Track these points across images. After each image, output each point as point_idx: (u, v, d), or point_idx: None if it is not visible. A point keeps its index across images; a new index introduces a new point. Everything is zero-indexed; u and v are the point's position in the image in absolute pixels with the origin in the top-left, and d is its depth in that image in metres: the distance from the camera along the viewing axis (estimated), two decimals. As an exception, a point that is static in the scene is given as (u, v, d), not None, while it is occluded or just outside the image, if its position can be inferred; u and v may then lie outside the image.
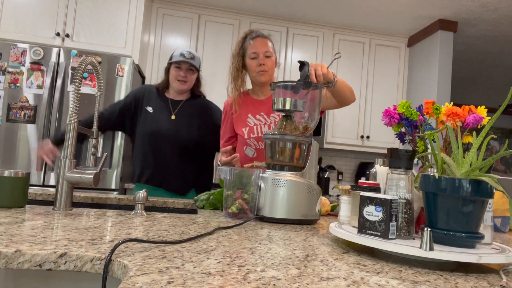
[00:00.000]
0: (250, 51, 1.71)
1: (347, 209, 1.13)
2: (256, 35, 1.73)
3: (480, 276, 0.70)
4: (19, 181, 1.11)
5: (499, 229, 1.42)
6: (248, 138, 1.73)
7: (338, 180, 4.21)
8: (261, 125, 1.74)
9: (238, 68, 1.75)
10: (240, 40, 1.76)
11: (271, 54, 1.72)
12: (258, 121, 1.75)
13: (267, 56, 1.71)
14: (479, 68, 4.81)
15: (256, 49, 1.70)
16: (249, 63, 1.73)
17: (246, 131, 1.74)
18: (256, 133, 1.73)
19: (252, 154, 1.75)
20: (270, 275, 0.59)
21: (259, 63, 1.70)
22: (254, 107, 1.78)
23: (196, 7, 3.67)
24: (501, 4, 3.21)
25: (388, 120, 1.14)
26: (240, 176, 1.22)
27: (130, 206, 1.59)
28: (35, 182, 2.78)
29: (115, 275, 0.62)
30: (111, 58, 2.94)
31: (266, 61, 1.70)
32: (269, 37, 1.76)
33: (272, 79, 1.75)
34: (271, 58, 1.72)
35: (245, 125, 1.75)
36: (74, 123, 1.14)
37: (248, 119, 1.76)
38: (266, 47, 1.71)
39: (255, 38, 1.72)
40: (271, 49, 1.74)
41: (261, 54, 1.70)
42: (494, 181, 0.73)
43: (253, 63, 1.71)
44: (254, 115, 1.76)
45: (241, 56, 1.75)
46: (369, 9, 3.51)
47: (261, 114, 1.76)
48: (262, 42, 1.72)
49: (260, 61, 1.70)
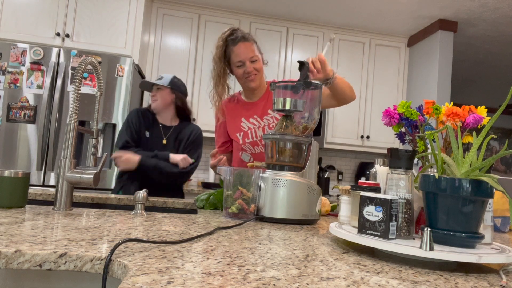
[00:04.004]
0: (235, 59, 1.63)
1: (347, 209, 1.13)
2: (238, 39, 1.62)
3: (480, 276, 0.70)
4: (19, 181, 1.11)
5: (499, 229, 1.42)
6: (243, 143, 1.70)
7: (338, 180, 4.21)
8: (255, 128, 1.69)
9: (220, 74, 1.67)
10: (221, 44, 1.64)
11: (257, 57, 1.65)
12: (252, 125, 1.70)
13: (253, 61, 1.63)
14: (479, 68, 4.81)
15: (240, 57, 1.62)
16: (236, 71, 1.67)
17: (241, 136, 1.70)
18: (251, 138, 1.69)
19: (249, 159, 1.72)
20: (270, 275, 0.59)
21: (246, 71, 1.64)
22: (246, 111, 1.73)
23: (196, 7, 3.67)
24: (501, 4, 3.21)
25: (388, 120, 1.14)
26: (240, 176, 1.22)
27: (130, 206, 1.59)
28: (35, 182, 2.78)
29: (115, 275, 0.62)
30: (111, 58, 2.94)
31: (253, 66, 1.64)
32: (251, 38, 1.66)
33: (262, 81, 1.72)
34: (257, 61, 1.65)
35: (239, 130, 1.71)
36: (74, 123, 1.14)
37: (241, 124, 1.71)
38: (251, 52, 1.63)
39: (237, 43, 1.62)
40: (256, 51, 1.66)
41: (247, 62, 1.62)
42: (494, 181, 0.73)
43: (239, 71, 1.65)
44: (247, 119, 1.71)
45: (223, 63, 1.66)
46: (369, 9, 3.51)
47: (254, 117, 1.71)
48: (245, 47, 1.62)
49: (247, 69, 1.63)
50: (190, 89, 3.58)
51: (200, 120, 3.58)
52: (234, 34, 1.63)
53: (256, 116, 1.71)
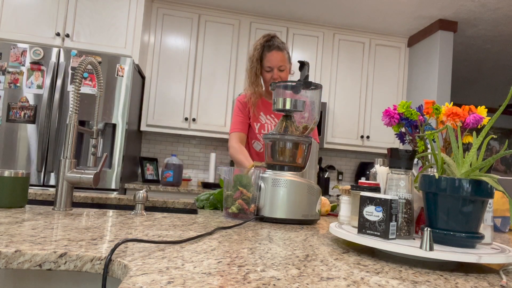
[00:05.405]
0: (266, 64, 1.84)
1: (347, 209, 1.13)
2: (273, 47, 1.83)
3: (480, 276, 0.70)
4: (19, 181, 1.11)
5: (499, 229, 1.42)
6: (259, 133, 1.91)
7: (338, 180, 4.21)
8: (271, 125, 1.90)
9: (258, 74, 1.87)
10: (259, 46, 1.85)
11: (285, 67, 1.85)
12: (268, 121, 1.91)
13: (281, 70, 1.84)
14: (479, 68, 4.81)
15: (271, 64, 1.83)
16: (264, 74, 1.87)
17: (258, 126, 1.90)
18: (266, 131, 1.90)
19: (259, 149, 1.91)
20: (270, 275, 0.59)
21: (273, 76, 1.84)
22: (266, 108, 1.93)
23: (196, 7, 3.67)
24: (501, 4, 3.21)
25: (388, 120, 1.14)
26: (240, 177, 1.22)
27: (130, 206, 1.59)
28: (35, 182, 2.78)
29: (115, 275, 0.62)
30: (111, 58, 2.94)
31: (279, 74, 1.84)
32: (284, 48, 1.86)
33: None
34: (285, 71, 1.85)
35: (257, 121, 1.91)
36: (74, 123, 1.14)
37: (260, 116, 1.92)
38: (281, 61, 1.83)
39: (271, 51, 1.83)
40: (286, 62, 1.86)
41: (276, 69, 1.83)
42: (494, 181, 0.73)
43: (267, 75, 1.86)
44: (265, 114, 1.92)
45: (259, 63, 1.86)
46: (369, 9, 3.51)
47: (271, 116, 1.92)
48: (277, 56, 1.82)
49: (274, 75, 1.83)
50: (190, 89, 3.58)
51: (200, 120, 3.58)
52: (271, 41, 1.86)
53: (273, 115, 1.93)
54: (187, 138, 3.91)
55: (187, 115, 3.55)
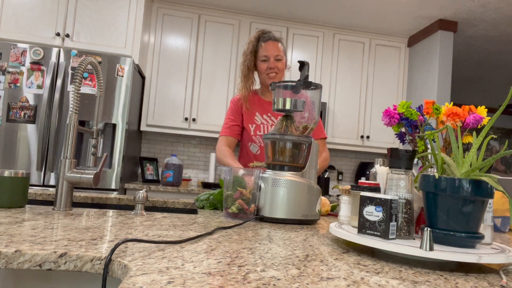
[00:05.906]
0: (262, 53, 1.79)
1: (347, 209, 1.13)
2: (268, 37, 1.80)
3: (480, 276, 0.70)
4: (19, 181, 1.11)
5: (499, 229, 1.42)
6: (254, 135, 1.83)
7: (338, 180, 4.21)
8: (268, 125, 1.83)
9: (250, 67, 1.82)
10: (253, 39, 1.82)
11: (281, 57, 1.80)
12: (265, 121, 1.83)
13: (277, 59, 1.79)
14: (479, 68, 4.81)
15: (267, 52, 1.78)
16: (259, 65, 1.81)
17: (253, 128, 1.83)
18: (262, 132, 1.82)
19: (256, 151, 1.83)
20: (270, 275, 0.59)
21: (269, 66, 1.78)
22: (262, 107, 1.86)
23: (196, 7, 3.67)
24: (501, 4, 3.21)
25: (388, 120, 1.14)
26: (239, 177, 1.22)
27: (130, 206, 1.59)
28: (35, 182, 2.78)
29: (115, 275, 0.62)
30: (111, 58, 2.94)
31: (276, 64, 1.78)
32: (280, 40, 1.83)
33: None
34: (281, 61, 1.81)
35: (252, 122, 1.84)
36: (74, 123, 1.14)
37: (255, 117, 1.85)
38: (277, 50, 1.78)
39: (267, 41, 1.79)
40: (282, 52, 1.81)
41: (272, 58, 1.78)
42: (494, 181, 0.73)
43: (263, 65, 1.80)
44: (261, 114, 1.85)
45: (253, 56, 1.82)
46: (369, 9, 3.51)
47: (268, 115, 1.84)
48: (273, 45, 1.78)
49: (270, 64, 1.78)
50: (190, 89, 3.58)
51: (200, 120, 3.58)
52: (266, 33, 1.83)
53: (270, 114, 1.84)
54: (187, 138, 3.91)
55: (187, 115, 3.55)
